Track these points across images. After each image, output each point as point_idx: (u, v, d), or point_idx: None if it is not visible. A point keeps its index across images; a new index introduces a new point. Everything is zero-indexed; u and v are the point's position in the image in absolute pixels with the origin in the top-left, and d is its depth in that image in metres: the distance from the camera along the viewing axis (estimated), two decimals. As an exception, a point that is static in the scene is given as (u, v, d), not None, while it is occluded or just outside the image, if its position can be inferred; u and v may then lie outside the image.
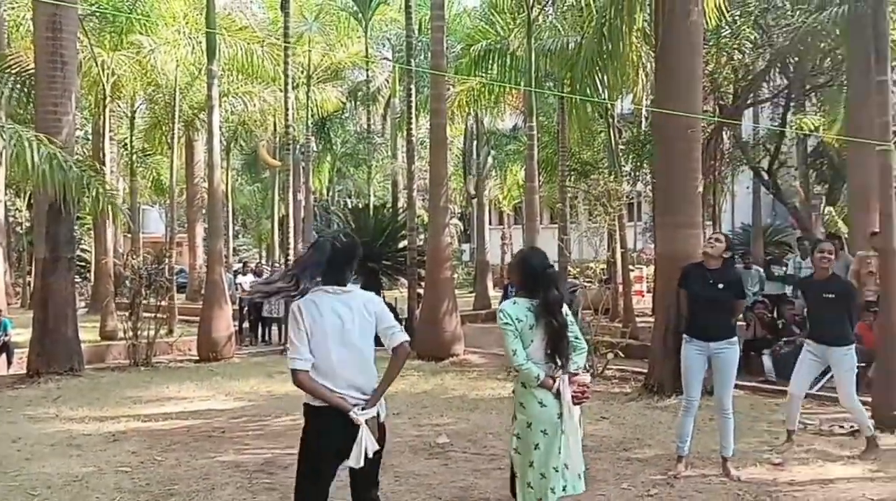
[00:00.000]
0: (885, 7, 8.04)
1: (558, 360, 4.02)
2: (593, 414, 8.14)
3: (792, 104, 17.70)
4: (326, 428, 3.51)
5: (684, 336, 6.08)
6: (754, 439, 7.01)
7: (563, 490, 3.99)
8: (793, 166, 21.39)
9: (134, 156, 21.92)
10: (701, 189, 9.20)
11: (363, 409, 3.50)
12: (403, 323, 14.90)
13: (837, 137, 15.46)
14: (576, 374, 4.09)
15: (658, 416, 7.92)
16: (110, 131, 18.77)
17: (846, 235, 13.20)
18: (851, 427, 7.32)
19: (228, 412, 8.53)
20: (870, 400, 7.74)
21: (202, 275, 18.02)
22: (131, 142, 21.56)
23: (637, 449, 6.64)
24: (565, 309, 4.10)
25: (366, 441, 3.45)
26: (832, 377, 6.91)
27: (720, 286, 5.93)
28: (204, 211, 19.54)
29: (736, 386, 8.42)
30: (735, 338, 6.03)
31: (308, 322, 3.48)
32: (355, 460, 3.44)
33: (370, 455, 3.47)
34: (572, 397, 4.00)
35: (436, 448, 6.77)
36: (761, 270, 13.23)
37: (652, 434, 7.16)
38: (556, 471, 3.96)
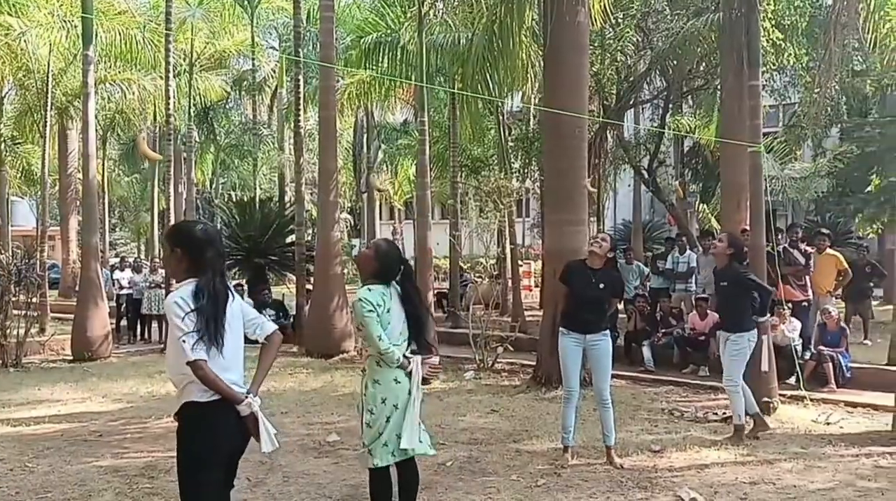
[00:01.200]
0: (756, 15, 8.49)
1: (420, 342, 4.37)
2: (483, 406, 8.26)
3: (671, 106, 18.49)
4: (224, 424, 3.33)
5: (561, 328, 6.24)
6: (636, 427, 7.27)
7: (406, 454, 4.23)
8: (671, 165, 22.38)
9: (2, 145, 20.53)
10: (590, 187, 9.45)
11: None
12: (292, 319, 14.69)
13: (712, 139, 16.26)
14: (428, 358, 4.45)
15: (546, 408, 8.10)
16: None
17: (718, 231, 13.89)
18: (724, 413, 7.73)
19: (106, 414, 8.12)
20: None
21: (76, 271, 17.09)
22: (-1, 129, 20.17)
23: (526, 441, 6.77)
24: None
25: (268, 425, 3.40)
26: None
27: (601, 286, 6.14)
28: (78, 203, 18.52)
29: (617, 377, 8.79)
30: (608, 330, 6.25)
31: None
32: (269, 444, 3.38)
33: (269, 448, 3.39)
34: (423, 377, 4.35)
35: (326, 447, 6.68)
36: (642, 265, 13.78)
37: (540, 426, 7.32)
38: (398, 437, 4.19)
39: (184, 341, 3.20)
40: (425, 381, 4.49)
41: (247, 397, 3.36)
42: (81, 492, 5.42)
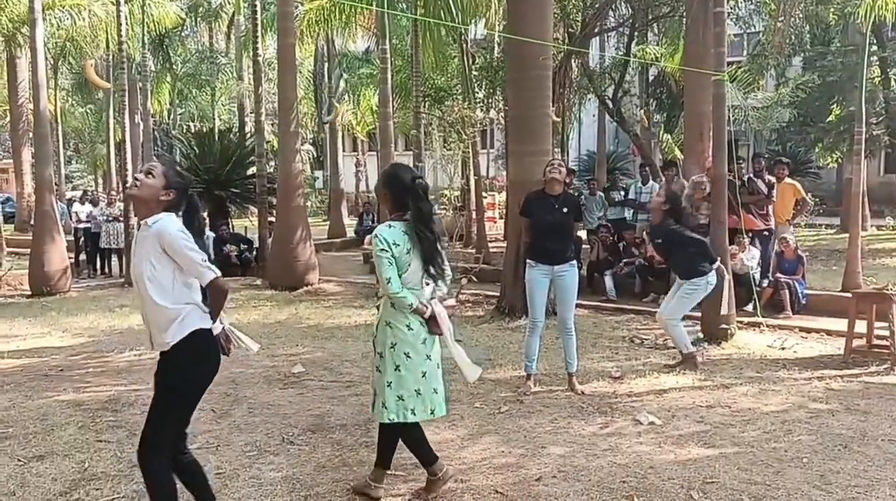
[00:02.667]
0: (723, -60, 8.33)
1: (434, 272, 3.96)
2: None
3: (636, 34, 18.28)
4: (216, 350, 3.51)
5: (528, 261, 6.26)
6: (597, 355, 7.41)
7: (432, 413, 4.01)
8: (635, 95, 22.29)
9: (-56, 73, 19.70)
10: (554, 117, 9.36)
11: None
12: (255, 252, 14.57)
13: (677, 68, 16.17)
14: (444, 298, 4.13)
15: (509, 337, 8.20)
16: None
17: (682, 162, 13.95)
18: (683, 340, 7.89)
19: (66, 349, 8.04)
20: (699, 314, 8.36)
21: (31, 205, 16.66)
22: (-60, 57, 19.30)
23: (490, 370, 6.85)
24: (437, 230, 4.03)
25: (244, 337, 3.64)
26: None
27: (564, 210, 6.14)
28: (31, 135, 17.94)
29: (580, 306, 8.88)
30: (575, 261, 6.28)
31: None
32: (254, 345, 3.76)
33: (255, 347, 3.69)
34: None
35: (291, 378, 6.70)
36: (604, 195, 13.82)
37: (504, 355, 7.41)
38: (418, 394, 3.94)
39: (205, 261, 3.32)
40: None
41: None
42: (44, 426, 5.38)
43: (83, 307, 10.69)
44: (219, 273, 3.37)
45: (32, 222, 14.54)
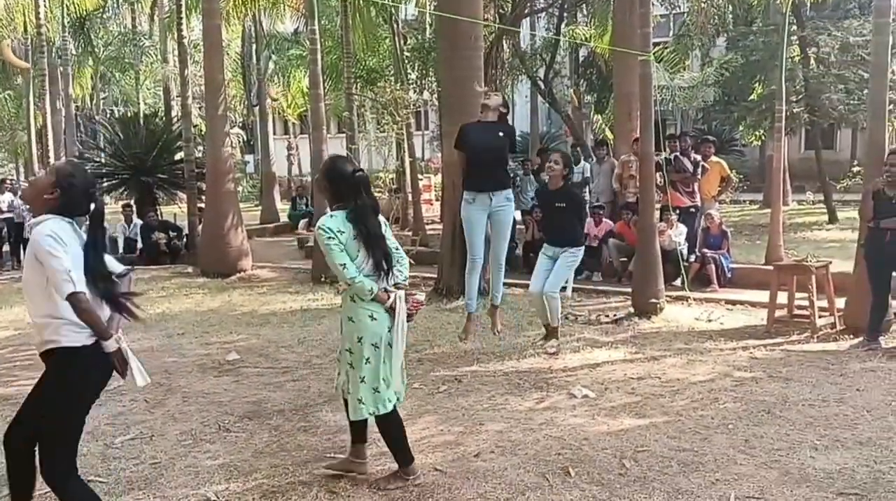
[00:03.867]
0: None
1: (384, 267, 3.89)
2: (384, 319, 8.32)
3: (566, 14, 18.46)
4: (99, 368, 3.29)
5: (466, 195, 6.31)
6: (532, 332, 7.51)
7: (398, 400, 4.05)
8: (566, 76, 22.52)
9: None
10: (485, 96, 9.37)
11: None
12: (185, 239, 14.27)
13: (606, 47, 16.40)
14: (412, 293, 4.13)
15: (447, 318, 8.25)
16: None
17: (612, 141, 14.21)
18: (615, 316, 8.09)
19: (-12, 343, 7.76)
20: (630, 290, 8.58)
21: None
22: None
23: (428, 350, 6.90)
24: (382, 218, 4.00)
25: (135, 360, 3.35)
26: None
27: (500, 134, 6.20)
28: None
29: (515, 285, 9.00)
30: (512, 195, 6.37)
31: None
32: (141, 378, 3.34)
33: (143, 381, 3.37)
34: (407, 313, 3.99)
35: (226, 366, 6.62)
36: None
37: (442, 335, 7.46)
38: (387, 385, 3.94)
39: (68, 273, 3.08)
40: (409, 318, 4.05)
41: (114, 333, 3.29)
42: (-34, 424, 5.19)
43: (8, 299, 10.31)
44: (81, 288, 3.11)
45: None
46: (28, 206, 3.34)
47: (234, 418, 5.22)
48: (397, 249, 4.09)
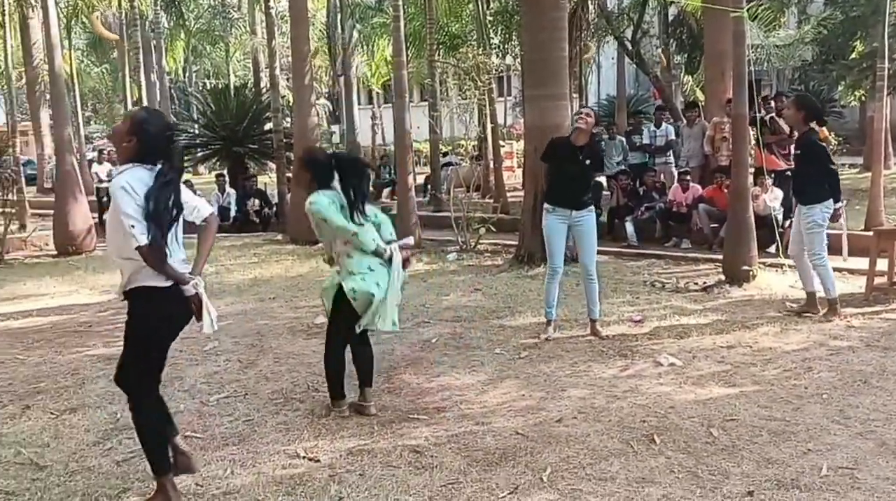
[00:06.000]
0: None
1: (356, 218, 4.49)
2: (466, 286, 8.38)
3: (654, -27, 17.87)
4: (176, 308, 3.42)
5: (546, 206, 6.25)
6: (617, 300, 7.42)
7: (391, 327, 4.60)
8: (655, 36, 21.85)
9: (-41, 37, 19.66)
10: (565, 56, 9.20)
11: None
12: (275, 208, 14.64)
13: (697, 5, 15.81)
14: (404, 241, 4.70)
15: (528, 285, 8.22)
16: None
17: (703, 103, 13.76)
18: (704, 283, 7.89)
19: (94, 306, 8.18)
20: (721, 257, 8.34)
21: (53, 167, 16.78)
22: (-47, 20, 19.23)
23: (509, 317, 6.90)
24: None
25: (210, 308, 3.48)
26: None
27: (587, 162, 6.13)
28: (48, 96, 17.99)
29: (600, 253, 8.84)
30: (592, 207, 6.27)
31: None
32: (209, 326, 3.47)
33: (210, 328, 3.50)
34: (403, 261, 4.56)
35: (314, 329, 6.78)
36: (624, 140, 13.68)
37: (523, 302, 7.44)
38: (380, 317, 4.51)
39: (133, 226, 3.19)
40: (405, 264, 4.63)
41: (192, 278, 3.40)
42: (74, 380, 5.52)
43: (108, 265, 10.79)
44: (144, 241, 3.19)
45: (48, 184, 14.65)
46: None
47: (322, 379, 5.30)
48: (376, 215, 4.65)
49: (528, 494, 3.56)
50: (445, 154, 17.11)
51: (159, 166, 3.33)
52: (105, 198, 15.41)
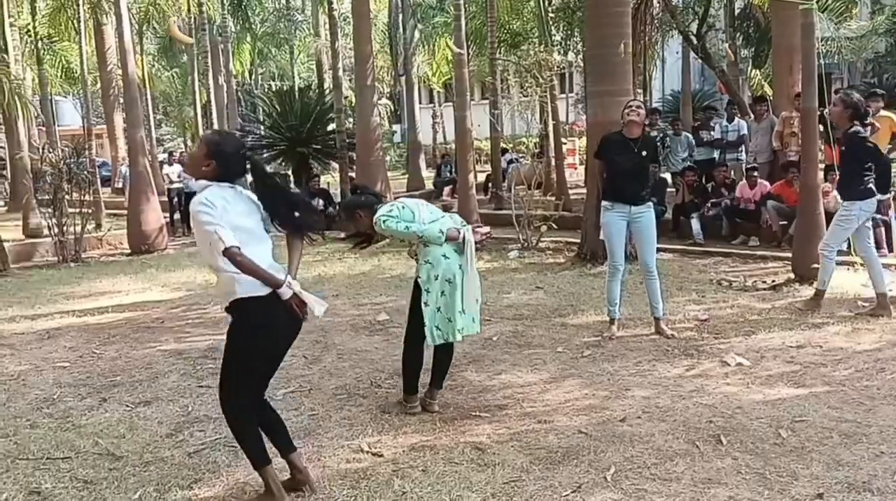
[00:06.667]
0: None
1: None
2: (528, 284, 8.36)
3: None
4: (274, 315, 3.40)
5: (604, 203, 6.19)
6: (683, 298, 7.30)
7: (461, 330, 4.51)
8: (720, 29, 21.39)
9: (39, 43, 20.49)
10: (624, 51, 9.08)
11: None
12: (337, 207, 14.84)
13: (764, -1, 15.44)
14: (479, 226, 4.81)
15: (591, 283, 8.16)
16: (9, 16, 17.43)
17: (771, 97, 13.41)
18: (773, 281, 7.71)
19: (166, 302, 8.46)
20: (790, 255, 8.13)
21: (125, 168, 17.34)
22: (34, 27, 20.07)
23: (571, 315, 6.87)
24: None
25: (312, 298, 3.50)
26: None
27: (643, 153, 6.04)
28: (121, 100, 18.60)
29: (665, 250, 8.77)
30: (651, 202, 6.18)
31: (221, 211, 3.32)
32: (319, 307, 3.53)
33: (322, 309, 3.52)
34: (477, 243, 4.63)
35: (376, 326, 6.88)
36: (690, 136, 13.43)
37: (585, 301, 7.39)
38: (463, 313, 4.48)
39: (216, 232, 3.24)
40: (479, 247, 4.74)
41: (285, 280, 3.41)
42: (149, 374, 5.72)
43: (180, 263, 11.17)
44: (234, 242, 3.24)
45: (119, 184, 15.11)
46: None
47: (384, 375, 5.43)
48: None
49: (591, 493, 3.55)
50: (505, 151, 17.03)
51: (237, 185, 3.44)
52: (175, 199, 15.90)
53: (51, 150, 13.38)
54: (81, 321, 7.69)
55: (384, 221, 4.48)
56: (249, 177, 3.59)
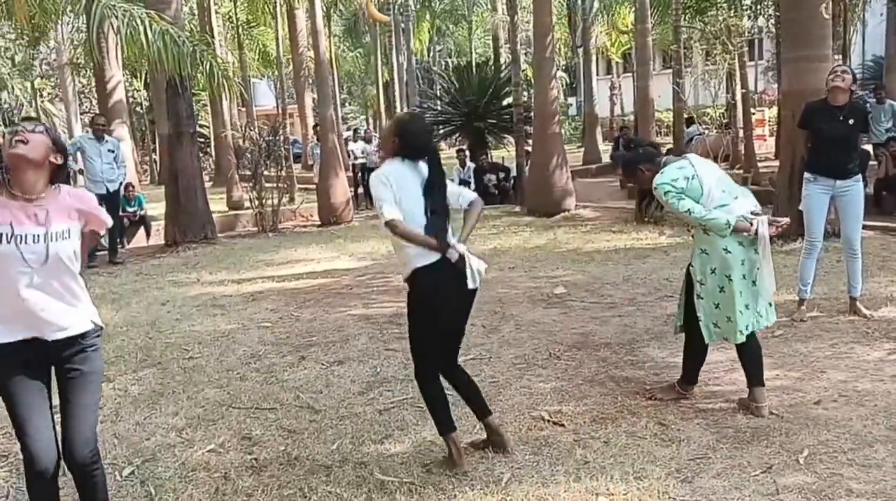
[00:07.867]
0: None
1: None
2: (713, 260, 8.04)
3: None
4: (443, 277, 3.52)
5: (807, 175, 5.84)
6: (884, 279, 6.78)
7: (757, 323, 4.15)
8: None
9: (240, 29, 22.05)
10: (824, 14, 8.43)
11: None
12: (513, 180, 14.96)
13: None
14: (776, 220, 4.10)
15: (782, 260, 7.71)
16: (214, 4, 18.86)
17: None
18: None
19: (353, 271, 8.94)
20: None
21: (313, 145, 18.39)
22: (235, 14, 21.64)
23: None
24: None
25: (475, 263, 3.55)
26: None
27: (851, 122, 5.64)
28: (311, 80, 19.69)
29: (865, 227, 8.12)
30: (860, 175, 5.75)
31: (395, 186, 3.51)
32: (472, 281, 3.54)
33: (482, 273, 3.57)
34: (772, 237, 4.03)
35: (553, 299, 6.92)
36: (895, 104, 12.29)
37: (777, 279, 6.97)
38: (747, 309, 4.06)
39: (380, 206, 3.46)
40: (772, 240, 4.10)
41: (449, 244, 3.50)
42: (340, 336, 6.11)
43: (364, 234, 11.74)
44: (394, 215, 3.40)
45: (311, 162, 16.02)
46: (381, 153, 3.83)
47: (563, 347, 5.47)
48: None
49: (782, 474, 3.42)
50: (692, 121, 16.31)
51: (420, 163, 3.61)
52: (359, 174, 16.68)
53: (252, 129, 14.43)
54: (280, 286, 8.31)
55: (665, 191, 3.96)
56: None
